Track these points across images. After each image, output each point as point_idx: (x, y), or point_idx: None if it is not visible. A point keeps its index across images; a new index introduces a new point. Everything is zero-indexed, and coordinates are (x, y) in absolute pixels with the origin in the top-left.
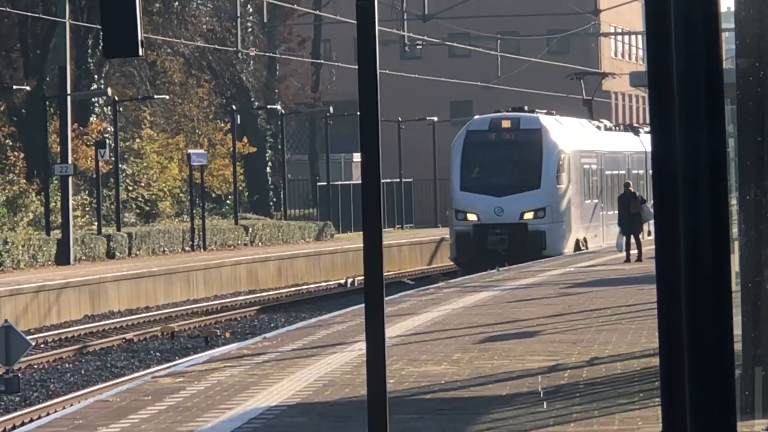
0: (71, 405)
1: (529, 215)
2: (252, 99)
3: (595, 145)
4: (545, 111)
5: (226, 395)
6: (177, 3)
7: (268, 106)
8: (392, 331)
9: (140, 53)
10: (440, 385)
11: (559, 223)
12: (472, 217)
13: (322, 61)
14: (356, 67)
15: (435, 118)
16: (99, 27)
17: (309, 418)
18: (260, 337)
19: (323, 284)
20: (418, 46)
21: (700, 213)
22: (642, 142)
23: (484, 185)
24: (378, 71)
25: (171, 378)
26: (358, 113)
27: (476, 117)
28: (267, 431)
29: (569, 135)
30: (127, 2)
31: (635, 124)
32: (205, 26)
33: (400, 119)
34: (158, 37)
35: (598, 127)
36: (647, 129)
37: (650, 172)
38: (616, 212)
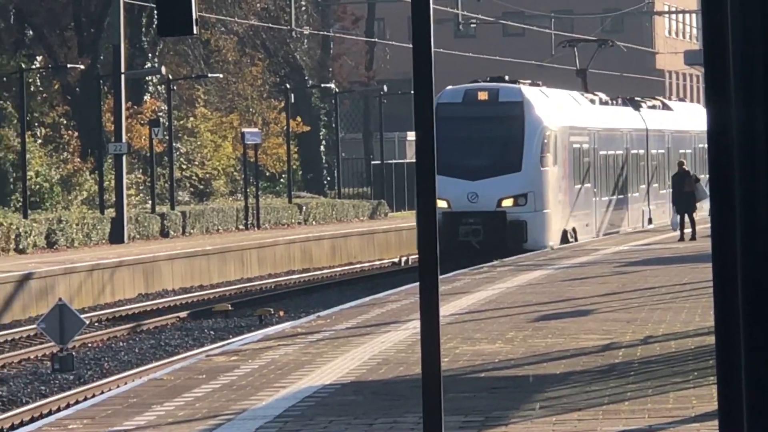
0: (125, 383)
1: (507, 202)
2: (306, 78)
3: (587, 121)
4: (529, 81)
5: (280, 373)
6: None
7: (322, 85)
8: (446, 309)
9: (195, 32)
10: (494, 364)
11: (542, 211)
12: (442, 204)
13: (376, 39)
14: (410, 45)
15: None
16: (153, 5)
17: (363, 396)
18: (314, 315)
19: (377, 263)
20: (472, 25)
21: (757, 190)
22: (643, 118)
23: (456, 167)
24: (432, 50)
25: (225, 356)
26: (413, 92)
27: (449, 88)
28: (321, 409)
29: (557, 109)
30: None
31: (636, 98)
32: (259, 5)
33: None
34: (212, 15)
35: (592, 101)
36: (650, 103)
37: (651, 152)
38: (611, 198)
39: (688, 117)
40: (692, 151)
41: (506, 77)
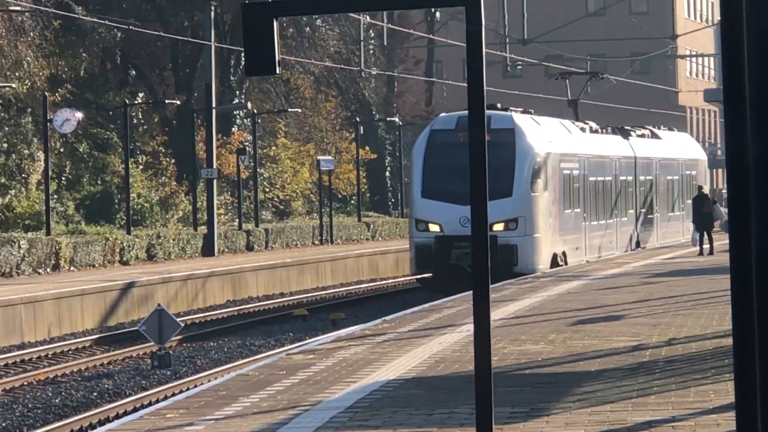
0: (215, 378)
1: (499, 227)
2: (373, 112)
3: (578, 148)
4: (521, 109)
5: (351, 370)
6: (308, 28)
7: (388, 119)
8: (495, 314)
9: (277, 72)
10: (537, 362)
11: (532, 235)
12: (434, 227)
13: (435, 79)
14: (465, 84)
15: None
16: (241, 49)
17: (423, 390)
18: (380, 319)
19: None
20: (518, 67)
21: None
22: (631, 146)
23: (448, 192)
24: (485, 88)
25: (303, 355)
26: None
27: (442, 115)
28: (386, 401)
29: (548, 137)
30: (267, 27)
31: (626, 127)
32: (332, 48)
33: None
34: (292, 58)
35: (583, 129)
36: (639, 132)
37: (639, 178)
38: (600, 222)
39: (676, 145)
40: (679, 178)
41: (498, 105)
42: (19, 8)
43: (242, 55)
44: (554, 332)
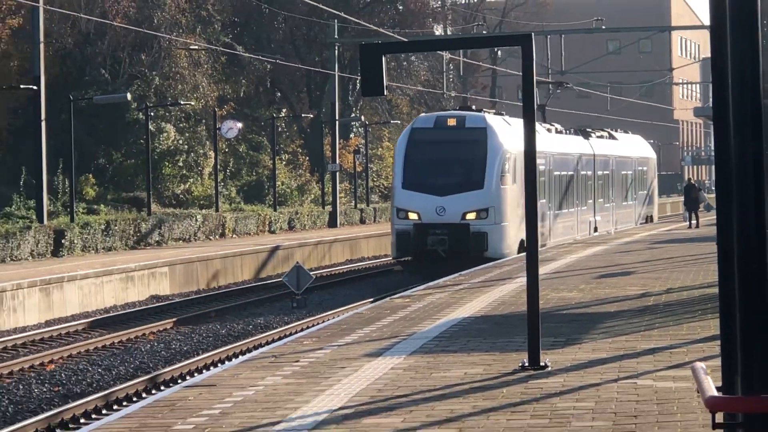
0: (338, 316)
1: (471, 216)
2: None
3: (544, 146)
4: (493, 111)
5: (436, 310)
6: (405, 62)
7: None
8: (541, 270)
9: (385, 94)
10: (571, 305)
11: (501, 224)
12: (413, 216)
13: (497, 99)
14: (520, 103)
15: None
16: (357, 77)
17: (489, 325)
18: (457, 274)
19: None
20: (558, 90)
21: (748, 196)
22: (591, 146)
23: (426, 184)
24: (535, 106)
25: (401, 299)
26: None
27: (422, 115)
28: (462, 333)
29: (517, 135)
30: (377, 61)
31: (587, 129)
32: (422, 77)
33: None
34: (393, 83)
35: (549, 130)
36: (598, 134)
37: (597, 173)
38: (562, 211)
39: (630, 145)
40: (632, 172)
41: (473, 107)
42: (196, 47)
43: (358, 81)
44: (583, 283)
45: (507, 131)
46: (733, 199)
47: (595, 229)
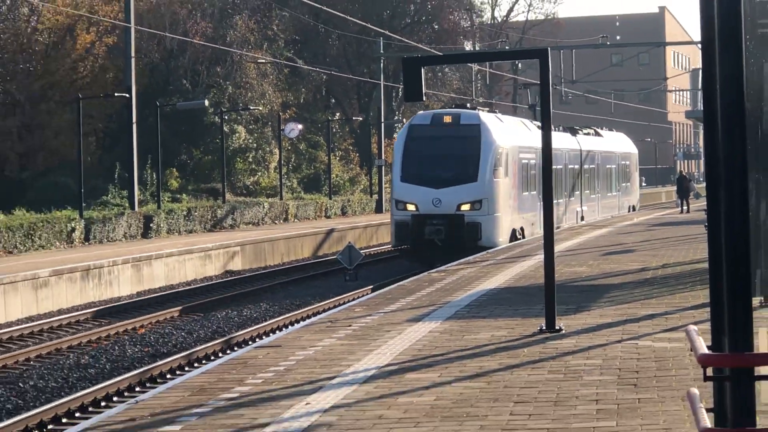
0: (386, 288)
1: (465, 207)
2: None
3: (535, 142)
4: (487, 109)
5: (467, 282)
6: (440, 73)
7: None
8: (555, 249)
9: (423, 99)
10: (582, 278)
11: (494, 215)
12: (411, 207)
13: (518, 104)
14: (538, 107)
15: None
16: (400, 85)
17: (512, 294)
18: (485, 252)
19: None
20: (569, 97)
21: (734, 187)
22: (578, 142)
23: (423, 177)
24: (551, 112)
25: (438, 273)
26: (540, 134)
27: (420, 113)
28: (490, 301)
29: (509, 132)
30: (417, 72)
31: (575, 127)
32: (454, 85)
33: None
34: (430, 90)
35: (539, 127)
36: (585, 131)
37: (584, 167)
38: (555, 201)
39: (614, 142)
40: (616, 166)
41: (468, 105)
42: (263, 60)
43: (401, 89)
44: (591, 260)
45: (500, 128)
46: (720, 188)
47: (582, 218)
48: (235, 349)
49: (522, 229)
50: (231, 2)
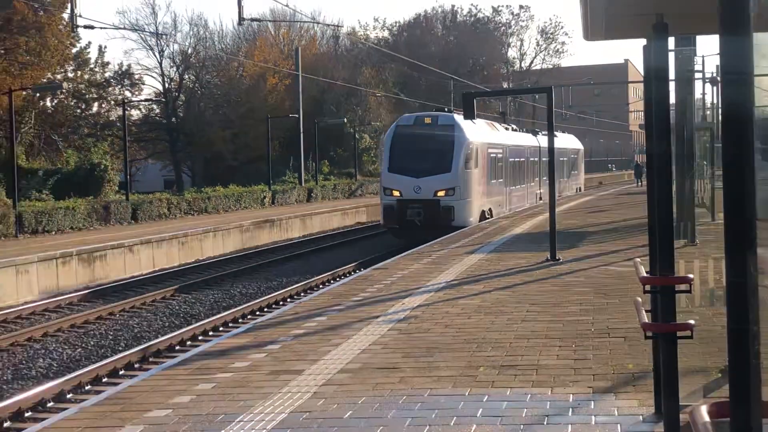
0: (453, 233)
1: (441, 193)
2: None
3: (502, 140)
4: (464, 112)
5: (502, 229)
6: (486, 102)
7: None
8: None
9: (474, 119)
10: (573, 227)
11: (465, 199)
12: (396, 193)
13: (535, 120)
14: (545, 122)
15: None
16: (461, 111)
17: (530, 237)
18: (512, 210)
19: None
20: (567, 116)
21: (661, 172)
22: (538, 141)
23: (406, 168)
24: (554, 126)
25: (486, 223)
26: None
27: (405, 114)
28: (514, 241)
29: (480, 131)
30: (471, 102)
31: (536, 130)
32: (496, 109)
33: None
34: (479, 113)
35: (506, 129)
36: (544, 132)
37: (542, 159)
38: (517, 187)
39: (567, 141)
40: (567, 159)
41: (446, 109)
42: (379, 94)
43: (462, 113)
44: (579, 216)
45: (472, 128)
46: (654, 171)
47: (540, 197)
48: (359, 270)
49: (490, 209)
50: (360, 58)
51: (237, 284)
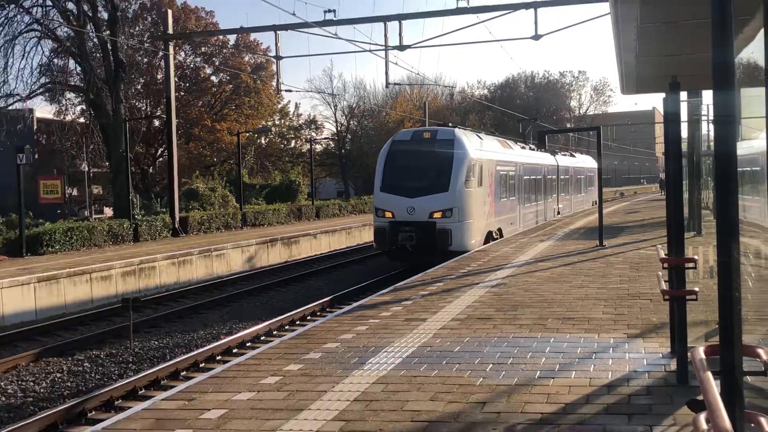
0: (534, 226)
1: (437, 215)
2: None
3: (514, 157)
4: (469, 129)
5: (564, 224)
6: (555, 137)
7: None
8: (592, 215)
9: (546, 148)
10: (614, 223)
11: (464, 221)
12: (389, 214)
13: (586, 149)
14: (540, 142)
15: None
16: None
17: (584, 231)
18: (560, 215)
19: None
20: (612, 146)
21: (675, 185)
22: (556, 160)
23: (399, 187)
24: (601, 153)
25: (555, 221)
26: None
27: (402, 130)
28: (575, 234)
29: (486, 148)
30: (544, 137)
31: (555, 149)
32: (562, 141)
33: None
34: (551, 145)
35: (523, 147)
36: (562, 153)
37: (560, 177)
38: (533, 204)
39: (584, 161)
40: (584, 177)
41: (450, 124)
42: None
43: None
44: (619, 215)
45: (476, 144)
46: (671, 185)
47: (558, 213)
48: (504, 235)
49: (499, 229)
50: (467, 108)
51: (380, 259)
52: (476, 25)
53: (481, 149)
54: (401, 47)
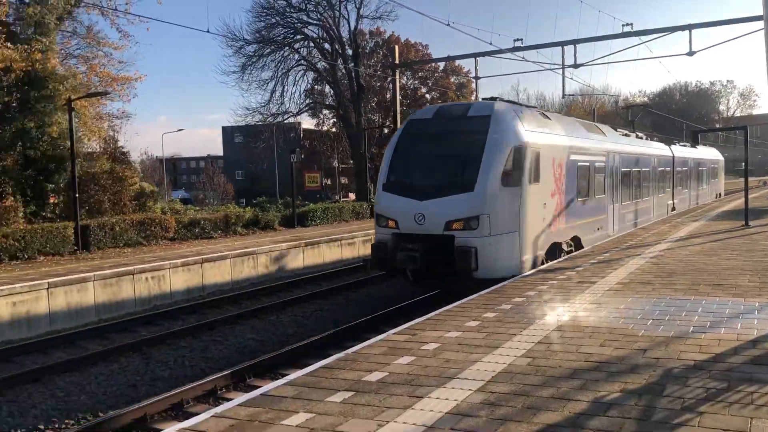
0: (688, 207)
1: (457, 225)
2: None
3: (605, 144)
4: (519, 101)
5: (710, 209)
6: None
7: None
8: (725, 207)
9: None
10: (759, 207)
11: (501, 235)
12: (392, 224)
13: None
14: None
15: None
16: None
17: (730, 213)
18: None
19: None
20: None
21: None
22: (671, 150)
23: (407, 186)
24: (748, 149)
25: (702, 203)
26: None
27: (426, 107)
28: (723, 215)
29: (553, 130)
30: None
31: (674, 140)
32: None
33: None
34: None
35: (626, 135)
36: (680, 144)
37: (676, 169)
38: (637, 201)
39: (705, 152)
40: (707, 169)
41: (497, 98)
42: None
43: None
44: (762, 201)
45: (533, 124)
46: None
47: (673, 209)
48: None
49: (575, 238)
50: (630, 113)
51: None
52: (638, 45)
53: (541, 131)
54: (575, 65)
